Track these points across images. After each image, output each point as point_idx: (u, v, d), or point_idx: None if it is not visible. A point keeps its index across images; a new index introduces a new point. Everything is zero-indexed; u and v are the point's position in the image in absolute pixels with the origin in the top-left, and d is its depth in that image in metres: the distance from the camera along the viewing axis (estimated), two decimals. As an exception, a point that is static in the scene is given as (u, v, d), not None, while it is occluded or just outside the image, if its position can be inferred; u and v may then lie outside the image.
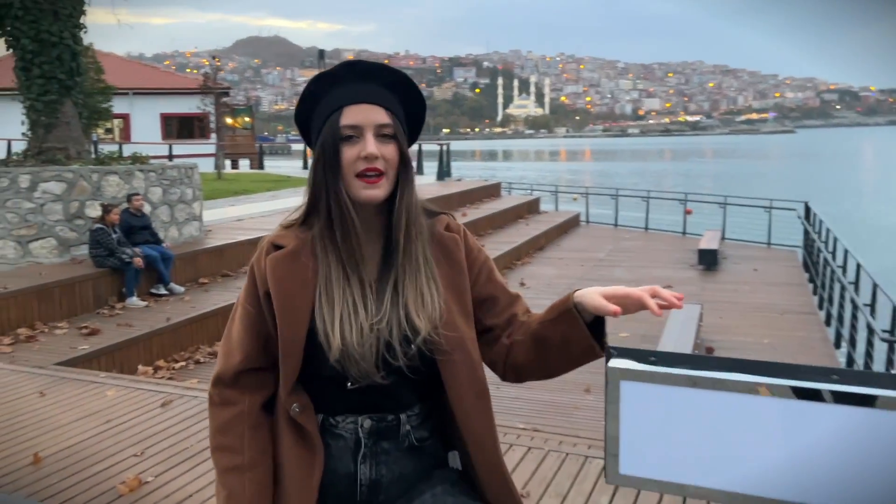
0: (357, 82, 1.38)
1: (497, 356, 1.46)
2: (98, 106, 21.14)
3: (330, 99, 1.38)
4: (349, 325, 1.34)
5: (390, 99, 1.40)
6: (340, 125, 1.34)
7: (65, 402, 4.47)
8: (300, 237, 1.42)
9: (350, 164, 1.35)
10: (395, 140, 1.37)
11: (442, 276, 1.42)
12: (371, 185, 1.35)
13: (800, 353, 8.17)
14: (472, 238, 1.51)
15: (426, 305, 1.36)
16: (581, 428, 5.11)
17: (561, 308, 1.33)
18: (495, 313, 1.46)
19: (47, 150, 9.53)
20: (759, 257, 14.37)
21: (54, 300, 7.38)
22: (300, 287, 1.38)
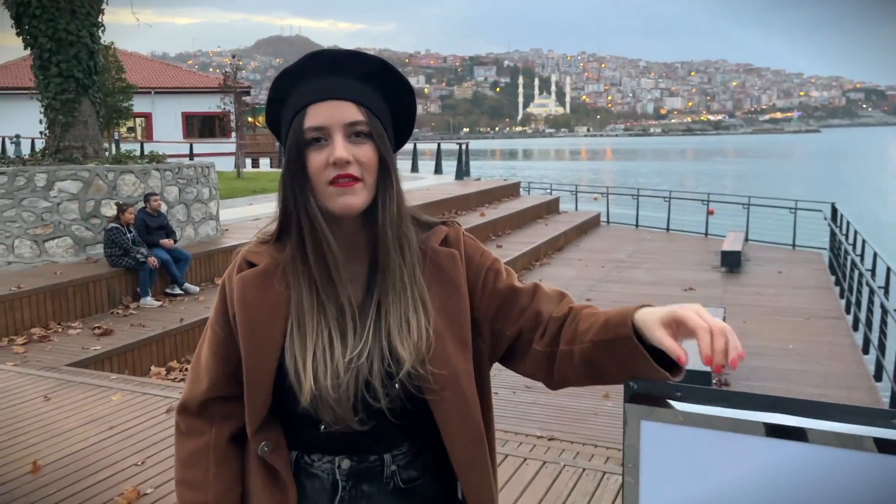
0: (323, 76, 1.18)
1: (536, 368, 1.24)
2: (119, 105, 21.24)
3: (294, 97, 1.19)
4: (324, 364, 1.15)
5: (364, 92, 1.19)
6: (304, 128, 1.15)
7: (69, 407, 4.39)
8: (274, 256, 1.23)
9: (318, 173, 1.15)
10: (371, 139, 1.17)
11: (434, 299, 1.22)
12: (345, 190, 1.14)
13: (827, 360, 7.93)
14: (476, 244, 1.30)
15: (411, 333, 1.17)
16: (599, 436, 4.94)
17: (618, 332, 1.10)
18: (515, 316, 1.24)
19: (64, 149, 9.51)
20: (784, 259, 14.07)
21: (68, 300, 7.33)
22: (270, 315, 1.20)
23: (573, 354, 1.17)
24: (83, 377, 5.21)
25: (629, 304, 1.26)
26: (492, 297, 1.25)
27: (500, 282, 1.27)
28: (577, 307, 1.24)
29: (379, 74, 1.21)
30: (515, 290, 1.26)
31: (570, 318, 1.21)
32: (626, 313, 1.11)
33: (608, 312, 1.17)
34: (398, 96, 1.24)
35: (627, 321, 1.09)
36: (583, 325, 1.18)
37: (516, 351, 1.26)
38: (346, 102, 1.16)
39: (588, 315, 1.19)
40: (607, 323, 1.13)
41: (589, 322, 1.17)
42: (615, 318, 1.12)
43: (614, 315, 1.13)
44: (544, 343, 1.22)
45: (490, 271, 1.27)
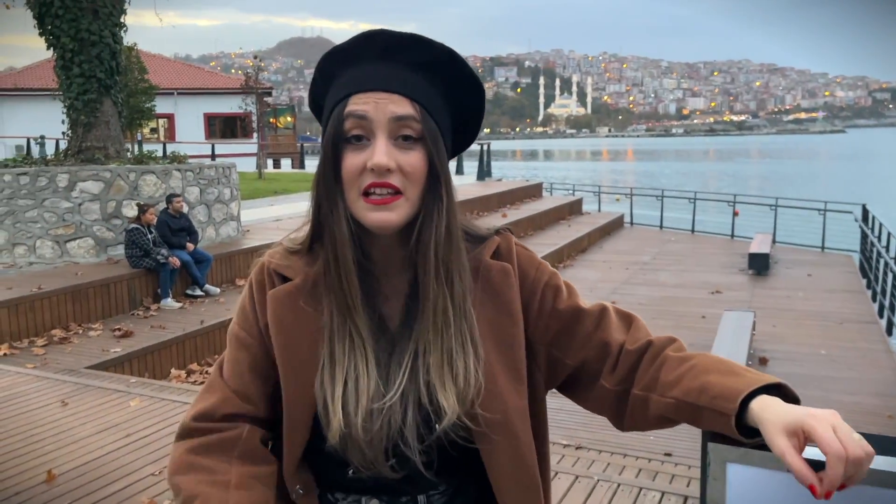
0: (375, 61, 0.99)
1: (603, 407, 1.07)
2: (141, 105, 21.34)
3: (340, 83, 1.00)
4: (354, 399, 0.98)
5: (421, 85, 0.98)
6: (343, 115, 0.96)
7: (86, 413, 4.31)
8: (306, 271, 1.05)
9: (352, 178, 0.96)
10: (422, 144, 0.97)
11: (485, 322, 1.03)
12: (379, 207, 0.95)
13: (861, 366, 7.69)
14: (530, 255, 1.12)
15: (457, 378, 0.98)
16: (628, 445, 4.76)
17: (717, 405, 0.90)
18: (578, 344, 1.07)
19: (86, 150, 9.50)
20: (813, 262, 13.75)
21: (89, 301, 7.28)
22: (308, 340, 1.02)
23: (648, 404, 1.00)
24: (101, 381, 5.13)
25: (656, 307, 1.10)
26: (550, 318, 1.08)
27: (560, 301, 1.08)
28: (658, 342, 1.05)
29: (442, 66, 1.01)
30: (579, 312, 1.08)
31: (648, 354, 1.04)
32: (734, 388, 0.90)
33: (704, 365, 0.97)
34: (463, 94, 1.04)
35: (735, 399, 0.88)
36: (668, 374, 0.99)
37: (578, 383, 1.09)
38: (397, 96, 0.96)
39: (676, 361, 1.00)
40: (705, 388, 0.93)
41: (677, 373, 0.98)
42: (717, 387, 0.92)
43: (716, 381, 0.93)
44: (615, 380, 1.04)
45: (548, 288, 1.09)
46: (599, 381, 1.05)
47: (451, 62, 1.01)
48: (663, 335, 1.06)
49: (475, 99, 1.05)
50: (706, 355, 0.99)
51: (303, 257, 1.07)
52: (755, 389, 0.88)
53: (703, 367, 0.96)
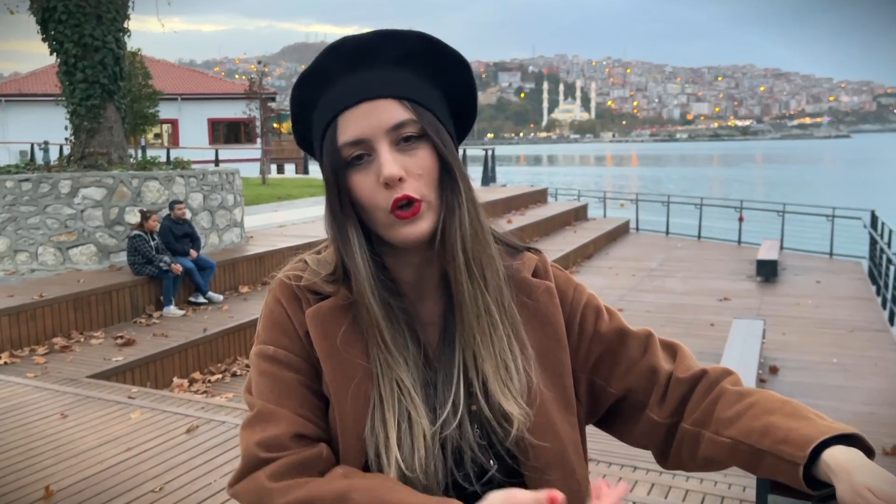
0: (349, 73, 0.91)
1: (649, 440, 0.98)
2: (145, 111, 21.32)
3: (320, 109, 0.93)
4: (408, 440, 0.88)
5: (405, 80, 0.91)
6: (338, 146, 0.89)
7: (86, 426, 4.21)
8: (343, 292, 0.94)
9: (372, 198, 0.88)
10: (425, 140, 0.89)
11: (532, 345, 0.94)
12: (408, 221, 0.87)
13: (873, 375, 7.57)
14: (566, 276, 1.04)
15: (512, 378, 0.90)
16: (637, 455, 4.64)
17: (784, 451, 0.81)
18: (623, 370, 0.98)
19: (89, 156, 9.45)
20: (822, 269, 13.63)
21: (91, 308, 7.21)
22: (355, 367, 0.92)
23: (699, 441, 0.90)
24: (102, 391, 5.05)
25: (664, 314, 1.00)
26: (593, 342, 0.99)
27: (602, 323, 1.00)
28: (713, 372, 0.95)
29: (420, 54, 0.93)
30: (624, 335, 0.99)
31: (702, 385, 0.94)
32: (804, 434, 0.81)
33: (767, 404, 0.87)
34: (450, 74, 0.95)
35: (806, 447, 0.79)
36: (725, 410, 0.90)
37: (622, 414, 1.00)
38: (383, 101, 0.88)
39: (734, 396, 0.91)
40: (769, 431, 0.84)
41: (735, 409, 0.89)
42: (783, 430, 0.83)
43: (782, 424, 0.83)
44: (666, 412, 0.95)
45: (589, 309, 1.00)
46: (646, 413, 0.96)
47: (427, 48, 0.94)
48: (717, 366, 0.97)
49: (463, 75, 0.96)
50: (767, 392, 0.89)
51: (337, 283, 0.96)
52: (829, 438, 0.78)
53: (766, 407, 0.86)
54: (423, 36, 0.93)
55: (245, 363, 7.11)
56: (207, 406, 4.79)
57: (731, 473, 4.41)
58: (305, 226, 12.12)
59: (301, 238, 10.50)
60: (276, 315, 0.96)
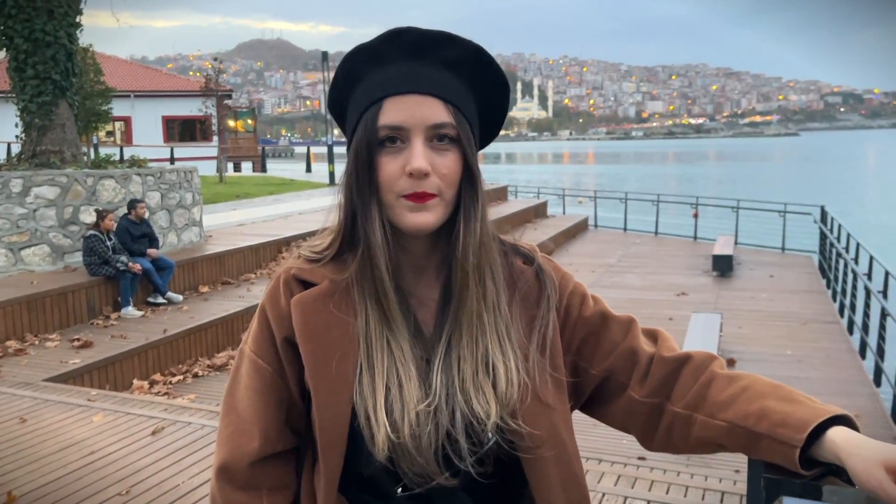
0: (404, 61, 0.96)
1: (631, 421, 1.02)
2: (97, 108, 20.81)
3: (369, 84, 0.96)
4: (399, 406, 0.93)
5: (452, 85, 0.96)
6: (378, 125, 0.93)
7: (46, 430, 4.11)
8: (332, 278, 1.00)
9: (391, 182, 0.93)
10: (458, 146, 0.94)
11: (525, 327, 1.00)
12: (417, 207, 0.92)
13: (826, 365, 7.81)
14: (554, 263, 1.10)
15: (497, 381, 0.94)
16: (603, 449, 4.75)
17: (782, 434, 0.84)
18: (605, 352, 1.03)
19: (41, 154, 9.19)
20: (774, 263, 13.99)
21: (45, 311, 7.02)
22: (340, 345, 0.97)
23: (692, 424, 0.93)
24: (61, 395, 4.93)
25: (623, 310, 1.06)
26: (577, 326, 1.04)
27: (586, 308, 1.05)
28: (698, 356, 0.99)
29: (470, 64, 0.98)
30: (606, 318, 1.04)
31: (689, 368, 0.97)
32: (800, 418, 0.84)
33: (759, 388, 0.91)
34: (489, 91, 1.01)
35: (803, 429, 0.83)
36: (718, 394, 0.93)
37: (604, 395, 1.04)
38: (431, 98, 0.93)
39: (725, 379, 0.94)
40: (765, 414, 0.87)
41: (728, 393, 0.92)
42: (779, 414, 0.86)
43: (777, 407, 0.87)
44: (647, 391, 0.99)
45: (574, 295, 1.06)
46: (628, 392, 1.00)
47: (478, 59, 0.98)
48: (701, 350, 1.00)
49: (501, 97, 1.02)
50: (756, 376, 0.93)
51: (327, 264, 1.02)
52: (824, 420, 0.82)
53: (759, 391, 0.90)
54: (479, 49, 0.98)
55: (207, 363, 7.01)
56: (171, 407, 4.72)
57: (692, 464, 4.51)
58: (265, 224, 11.99)
59: (261, 237, 10.39)
60: (262, 322, 1.02)
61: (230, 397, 1.04)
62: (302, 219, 12.50)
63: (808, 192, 31.27)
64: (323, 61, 28.80)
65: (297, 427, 1.02)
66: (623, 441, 4.89)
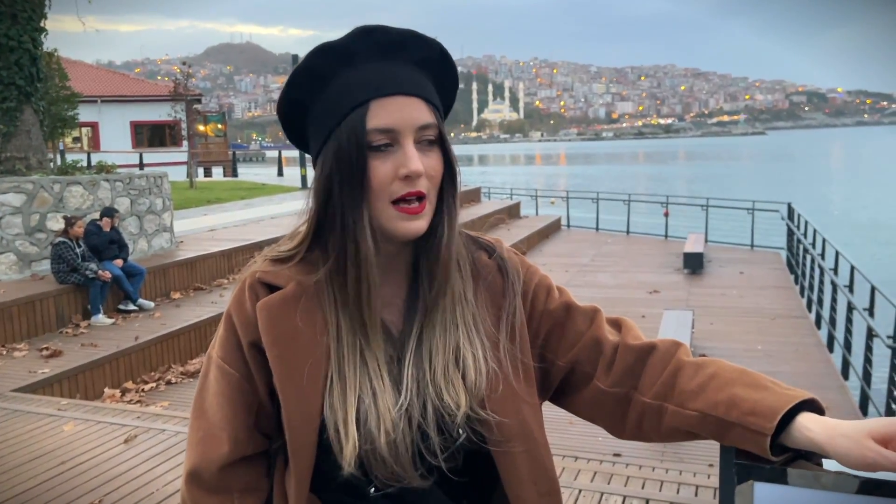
0: (377, 61, 0.93)
1: (598, 412, 1.03)
2: (63, 114, 20.45)
3: (343, 85, 0.93)
4: (374, 413, 0.92)
5: (427, 84, 0.96)
6: (367, 128, 0.90)
7: (16, 440, 4.04)
8: (300, 280, 0.98)
9: (384, 186, 0.91)
10: (440, 146, 0.95)
11: (492, 320, 1.00)
12: (413, 217, 0.92)
13: (796, 360, 7.95)
14: (521, 257, 1.10)
15: (466, 371, 0.95)
16: (577, 447, 4.79)
17: (751, 423, 0.85)
18: (569, 343, 1.03)
19: (6, 161, 9.03)
20: (744, 260, 14.21)
21: (13, 320, 6.89)
22: (309, 349, 0.95)
23: (663, 414, 0.94)
24: (31, 405, 4.84)
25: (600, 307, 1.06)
26: (543, 318, 1.05)
27: (552, 300, 1.06)
28: (663, 346, 0.99)
29: (436, 62, 0.98)
30: (571, 309, 1.05)
31: (655, 358, 0.98)
32: (769, 405, 0.85)
33: (727, 375, 0.92)
34: (446, 88, 1.01)
35: (773, 417, 0.84)
36: (687, 383, 0.94)
37: (571, 386, 1.05)
38: (415, 99, 0.92)
39: (692, 368, 0.95)
40: (735, 403, 0.88)
41: (697, 382, 0.93)
42: (749, 402, 0.87)
43: (746, 395, 0.87)
44: (612, 380, 1.00)
45: (540, 288, 1.06)
46: (593, 382, 1.01)
47: (442, 58, 0.98)
48: (665, 339, 1.02)
49: (454, 90, 1.03)
50: (722, 362, 0.94)
51: (294, 266, 1.00)
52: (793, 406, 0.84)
53: (727, 378, 0.91)
54: (442, 47, 0.98)
55: (180, 370, 6.93)
56: (144, 415, 4.66)
57: (667, 459, 4.57)
58: (237, 229, 11.89)
59: (233, 242, 10.30)
60: (228, 327, 1.01)
61: (199, 401, 1.04)
62: (274, 223, 12.41)
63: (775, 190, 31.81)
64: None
65: (267, 430, 1.02)
66: (599, 438, 4.93)
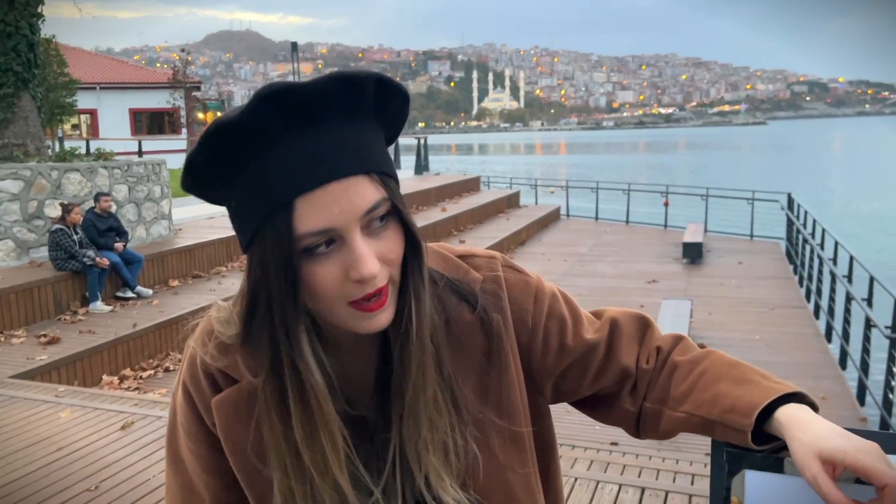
0: (295, 132, 0.72)
1: (621, 422, 0.98)
2: (62, 100, 20.40)
3: (260, 176, 0.73)
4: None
5: (364, 141, 0.75)
6: (296, 235, 0.72)
7: (13, 427, 4.04)
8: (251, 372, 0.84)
9: (332, 290, 0.74)
10: (396, 217, 0.77)
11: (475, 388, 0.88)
12: (370, 314, 0.76)
13: (794, 350, 7.96)
14: (524, 284, 0.94)
15: (452, 467, 0.85)
16: (574, 436, 4.80)
17: (731, 420, 0.82)
18: (591, 377, 0.95)
19: (4, 147, 9.01)
20: (743, 250, 14.21)
21: (10, 307, 6.89)
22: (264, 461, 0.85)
23: (661, 418, 0.92)
24: (28, 391, 4.84)
25: (595, 298, 1.03)
26: (559, 355, 0.94)
27: (566, 335, 0.94)
28: (665, 348, 0.97)
29: (370, 98, 0.76)
30: (590, 346, 0.95)
31: (657, 365, 0.96)
32: (748, 401, 0.82)
33: (715, 371, 0.90)
34: (392, 113, 0.80)
35: (751, 414, 0.81)
36: (678, 386, 0.91)
37: (594, 403, 0.99)
38: (354, 179, 0.73)
39: (685, 368, 0.93)
40: (717, 400, 0.85)
41: (687, 383, 0.90)
42: (730, 398, 0.84)
43: (728, 391, 0.85)
44: (638, 402, 0.96)
45: (552, 322, 0.94)
46: (619, 402, 0.96)
47: (379, 90, 0.76)
48: (668, 336, 0.99)
49: (405, 108, 0.81)
50: (716, 356, 0.92)
51: (239, 354, 0.85)
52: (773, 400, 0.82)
53: (714, 375, 0.89)
54: (377, 78, 0.76)
55: (178, 358, 6.94)
56: (141, 402, 4.66)
57: (663, 448, 4.57)
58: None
59: (231, 229, 10.17)
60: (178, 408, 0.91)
61: (174, 446, 0.94)
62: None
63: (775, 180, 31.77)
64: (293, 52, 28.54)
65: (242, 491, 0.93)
66: (595, 427, 4.94)
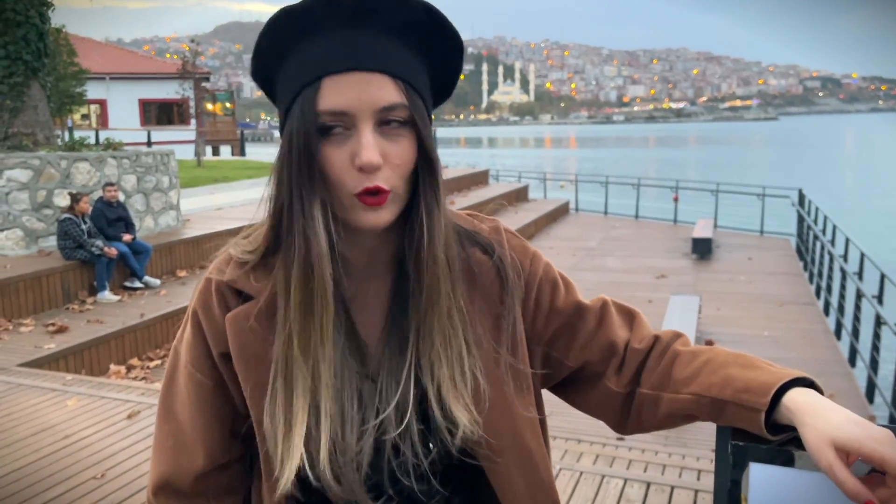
0: (341, 29, 0.79)
1: (604, 410, 0.97)
2: (71, 90, 20.47)
3: (300, 58, 0.81)
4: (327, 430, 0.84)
5: (401, 55, 0.82)
6: (317, 110, 0.78)
7: (20, 414, 4.06)
8: (264, 285, 0.88)
9: (339, 175, 0.80)
10: (412, 129, 0.82)
11: (486, 326, 0.90)
12: (369, 209, 0.81)
13: (803, 346, 7.91)
14: (522, 245, 0.98)
15: (467, 384, 0.86)
16: (581, 430, 4.74)
17: (746, 400, 0.80)
18: (580, 344, 0.95)
19: (13, 136, 9.03)
20: (753, 246, 14.13)
21: (19, 295, 6.92)
22: None
23: (659, 402, 0.90)
24: (36, 380, 4.86)
25: (603, 292, 1.00)
26: (549, 317, 0.95)
27: (558, 297, 0.96)
28: (664, 337, 0.95)
29: (420, 25, 0.83)
30: (581, 310, 0.96)
31: (655, 351, 0.94)
32: (762, 382, 0.81)
33: (721, 359, 0.88)
34: (443, 54, 0.86)
35: (766, 393, 0.79)
36: (682, 370, 0.89)
37: (578, 384, 0.98)
38: (378, 75, 0.79)
39: (688, 356, 0.91)
40: (728, 382, 0.84)
41: (692, 367, 0.89)
42: (742, 380, 0.82)
43: (739, 375, 0.84)
44: (623, 382, 0.94)
45: (545, 282, 0.96)
46: (603, 382, 0.95)
47: (429, 19, 0.83)
48: (668, 330, 0.97)
49: (456, 58, 0.88)
50: (718, 348, 0.91)
51: (258, 269, 0.89)
52: (785, 383, 0.80)
53: (721, 361, 0.87)
54: (429, 7, 0.83)
55: (185, 348, 6.95)
56: (148, 391, 4.67)
57: (669, 443, 4.55)
58: (244, 208, 11.88)
59: (240, 220, 10.29)
60: (188, 329, 0.93)
61: (168, 403, 0.95)
62: (281, 202, 12.40)
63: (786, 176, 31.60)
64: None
65: (243, 434, 0.94)
66: (601, 421, 4.92)
